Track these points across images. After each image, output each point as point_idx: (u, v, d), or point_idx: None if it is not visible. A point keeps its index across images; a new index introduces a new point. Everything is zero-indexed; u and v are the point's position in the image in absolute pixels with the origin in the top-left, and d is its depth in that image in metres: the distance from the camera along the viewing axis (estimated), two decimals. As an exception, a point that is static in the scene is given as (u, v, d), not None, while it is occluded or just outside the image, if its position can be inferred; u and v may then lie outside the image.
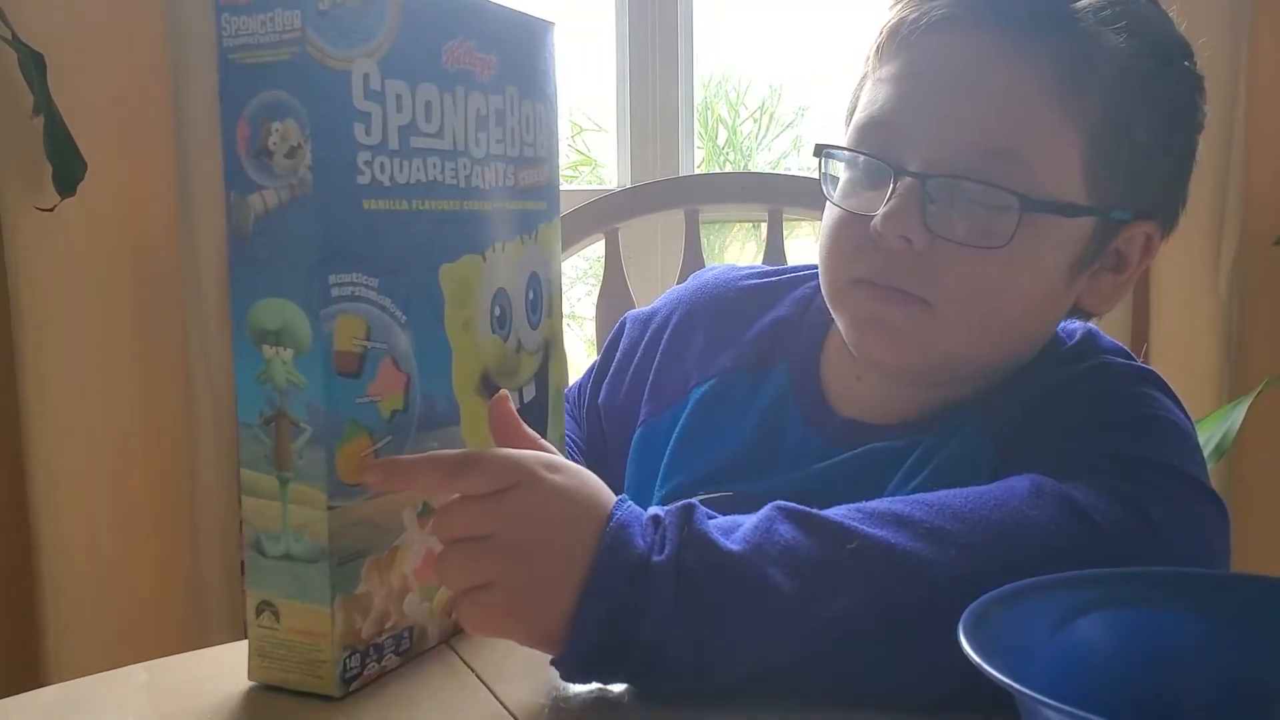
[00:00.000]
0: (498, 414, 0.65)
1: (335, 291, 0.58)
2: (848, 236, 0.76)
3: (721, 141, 2.46)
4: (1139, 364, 0.78)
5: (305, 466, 0.59)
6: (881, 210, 0.72)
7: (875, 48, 0.77)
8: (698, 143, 1.98)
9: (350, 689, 0.62)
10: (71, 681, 0.66)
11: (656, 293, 0.98)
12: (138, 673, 0.67)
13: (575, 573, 0.57)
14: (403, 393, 0.63)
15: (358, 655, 0.62)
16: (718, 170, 2.41)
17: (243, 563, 0.62)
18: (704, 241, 1.32)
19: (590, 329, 1.36)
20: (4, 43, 1.35)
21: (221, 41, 0.58)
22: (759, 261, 1.31)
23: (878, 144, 0.74)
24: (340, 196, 0.58)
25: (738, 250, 2.42)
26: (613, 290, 1.29)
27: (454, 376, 0.66)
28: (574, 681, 0.60)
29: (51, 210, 1.39)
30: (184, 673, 0.67)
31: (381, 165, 0.60)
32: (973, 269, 0.72)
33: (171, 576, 1.54)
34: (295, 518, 0.59)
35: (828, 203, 0.78)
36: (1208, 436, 1.53)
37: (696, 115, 1.94)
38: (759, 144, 2.43)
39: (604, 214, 1.28)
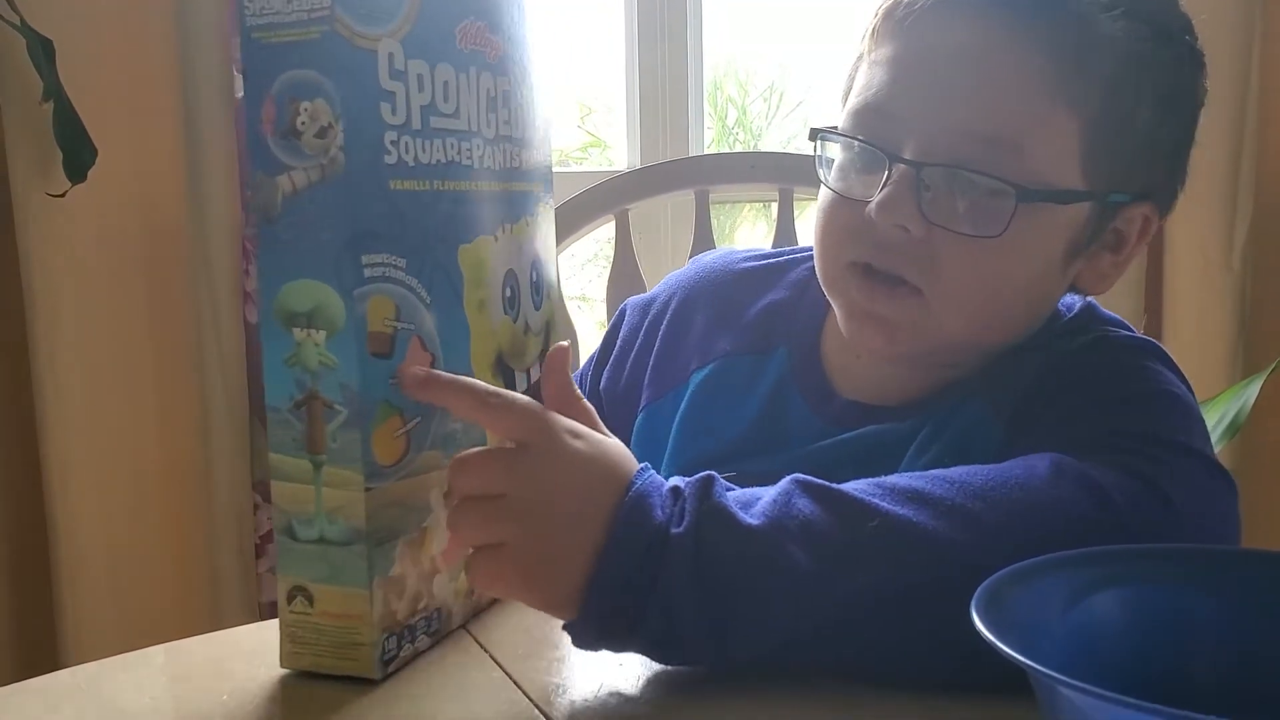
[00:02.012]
0: (552, 367, 0.64)
1: (368, 272, 0.58)
2: (843, 220, 0.76)
3: (731, 121, 2.45)
4: (1139, 336, 0.78)
5: (340, 449, 0.58)
6: (877, 197, 0.72)
7: (871, 29, 0.76)
8: (707, 123, 1.97)
9: (388, 670, 0.61)
10: (89, 664, 0.67)
11: (667, 273, 0.98)
12: (155, 655, 0.67)
13: (591, 540, 0.57)
14: None
15: (394, 637, 0.62)
16: (727, 150, 2.40)
17: (256, 545, 0.62)
18: (714, 222, 1.31)
19: (601, 311, 1.36)
20: (12, 28, 1.35)
21: (245, 20, 0.57)
22: (770, 241, 1.31)
23: (873, 130, 0.74)
24: (369, 176, 0.58)
25: (748, 230, 2.42)
26: (623, 272, 1.29)
27: (472, 356, 0.66)
28: (585, 648, 0.60)
29: (62, 196, 1.39)
30: (200, 655, 0.68)
31: (406, 145, 0.60)
32: (968, 256, 0.72)
33: (186, 560, 1.54)
34: (330, 501, 0.59)
35: (823, 185, 0.78)
36: (1221, 413, 1.53)
37: (705, 95, 1.93)
38: (768, 123, 2.42)
39: (614, 195, 1.28)
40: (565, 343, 0.66)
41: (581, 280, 2.33)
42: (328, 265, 0.57)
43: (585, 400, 0.64)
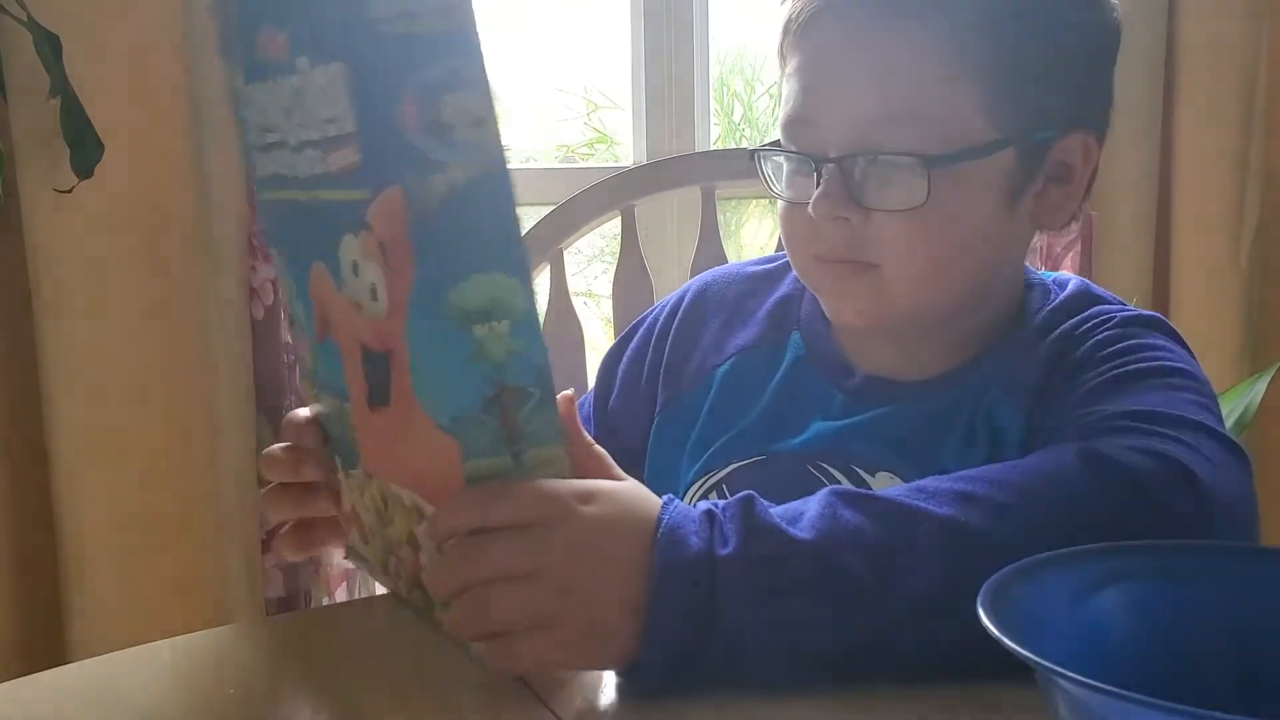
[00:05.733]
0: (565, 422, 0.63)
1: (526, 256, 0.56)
2: (797, 223, 0.81)
3: (737, 118, 2.45)
4: (1139, 310, 0.80)
5: (537, 431, 0.57)
6: (813, 197, 0.77)
7: (779, 47, 0.82)
8: (713, 119, 1.97)
9: None
10: (96, 658, 0.67)
11: (673, 269, 0.98)
12: (162, 650, 0.68)
13: (637, 589, 0.57)
14: None
15: None
16: (734, 146, 2.40)
17: (262, 542, 0.61)
18: (720, 218, 1.31)
19: (607, 307, 1.36)
20: (19, 24, 1.35)
21: (369, 12, 0.52)
22: (774, 237, 1.32)
23: (801, 137, 0.80)
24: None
25: (754, 227, 2.42)
26: (629, 268, 1.29)
27: None
28: (652, 693, 0.59)
29: (69, 192, 1.39)
30: (207, 650, 0.68)
31: None
32: (908, 229, 0.76)
33: (193, 556, 1.54)
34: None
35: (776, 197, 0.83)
36: (1229, 410, 1.53)
37: (712, 91, 1.93)
38: (774, 120, 2.42)
39: (620, 191, 1.28)
40: (570, 391, 0.63)
41: (588, 276, 2.33)
42: (502, 256, 0.54)
43: (597, 446, 0.63)
